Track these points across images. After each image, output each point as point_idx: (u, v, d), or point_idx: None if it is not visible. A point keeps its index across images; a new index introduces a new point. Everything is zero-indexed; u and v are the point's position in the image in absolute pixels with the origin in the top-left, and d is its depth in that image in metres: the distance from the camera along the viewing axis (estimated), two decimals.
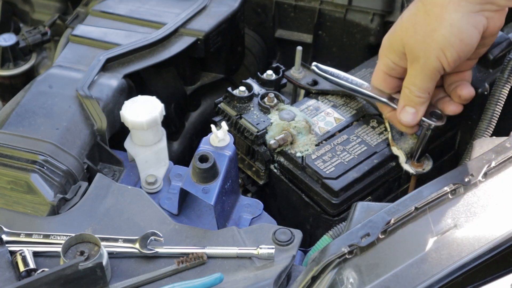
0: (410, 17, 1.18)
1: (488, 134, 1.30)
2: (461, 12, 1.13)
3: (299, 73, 1.48)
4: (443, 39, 1.14)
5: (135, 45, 1.44)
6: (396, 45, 1.21)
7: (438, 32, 1.14)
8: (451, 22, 1.13)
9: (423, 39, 1.16)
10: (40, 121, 1.28)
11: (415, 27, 1.16)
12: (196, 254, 1.09)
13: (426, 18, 1.15)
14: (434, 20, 1.14)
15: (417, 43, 1.17)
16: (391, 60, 1.24)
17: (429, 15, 1.14)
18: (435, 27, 1.14)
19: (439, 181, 1.09)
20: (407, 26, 1.18)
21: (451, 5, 1.12)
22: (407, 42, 1.18)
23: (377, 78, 1.29)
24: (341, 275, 1.00)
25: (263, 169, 1.37)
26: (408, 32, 1.17)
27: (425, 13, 1.15)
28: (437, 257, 1.00)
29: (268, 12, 1.75)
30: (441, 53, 1.16)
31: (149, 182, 1.29)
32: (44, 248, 1.11)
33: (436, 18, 1.14)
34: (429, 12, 1.14)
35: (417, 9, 1.16)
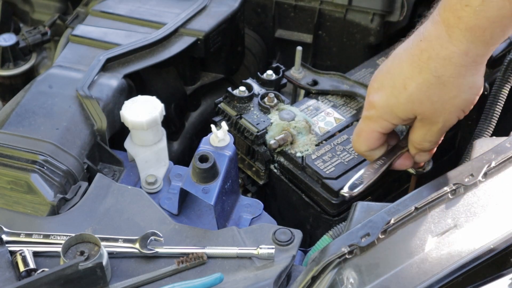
0: (422, 89, 1.12)
1: (488, 134, 1.30)
2: (476, 74, 1.12)
3: (299, 73, 1.48)
4: (464, 102, 1.14)
5: (135, 45, 1.44)
6: (403, 114, 1.16)
7: (459, 98, 1.13)
8: (470, 86, 1.12)
9: (442, 107, 1.13)
10: (40, 121, 1.28)
11: (432, 98, 1.12)
12: (196, 254, 1.09)
13: (443, 89, 1.12)
14: (452, 89, 1.11)
15: (436, 111, 1.14)
16: (393, 123, 1.19)
17: (447, 86, 1.11)
18: (456, 95, 1.12)
19: (439, 181, 1.09)
20: (420, 98, 1.13)
21: (468, 73, 1.11)
22: (422, 112, 1.15)
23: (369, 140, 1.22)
24: (341, 275, 1.00)
25: (263, 169, 1.37)
26: (424, 104, 1.13)
27: (442, 85, 1.11)
28: (437, 257, 1.00)
29: (268, 12, 1.75)
30: (461, 112, 1.15)
31: (149, 182, 1.29)
32: (44, 248, 1.11)
33: (455, 87, 1.11)
34: (446, 84, 1.11)
35: (429, 81, 1.11)
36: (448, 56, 1.09)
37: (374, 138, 1.21)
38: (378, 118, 1.18)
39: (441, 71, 1.10)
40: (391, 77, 1.15)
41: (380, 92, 1.17)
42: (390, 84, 1.15)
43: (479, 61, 1.10)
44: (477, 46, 1.08)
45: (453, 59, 1.09)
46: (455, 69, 1.09)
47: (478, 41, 1.07)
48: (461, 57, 1.08)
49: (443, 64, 1.09)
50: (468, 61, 1.09)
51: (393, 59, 1.17)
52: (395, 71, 1.15)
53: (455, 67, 1.09)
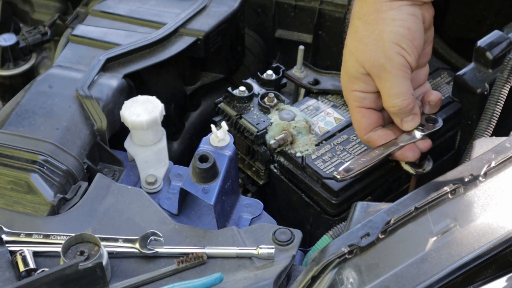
0: (353, 36, 1.19)
1: (488, 134, 1.30)
2: (395, 8, 1.17)
3: (300, 72, 1.48)
4: (392, 34, 1.17)
5: (135, 45, 1.44)
6: (354, 71, 1.20)
7: (385, 31, 1.16)
8: (392, 17, 1.17)
9: (375, 45, 1.17)
10: (40, 121, 1.28)
11: (362, 40, 1.17)
12: (196, 254, 1.09)
13: (367, 28, 1.17)
14: (376, 24, 1.16)
15: (373, 52, 1.17)
16: (359, 90, 1.23)
17: (369, 23, 1.17)
18: (381, 29, 1.16)
19: (439, 181, 1.09)
20: (355, 46, 1.19)
21: (385, 7, 1.16)
22: (363, 59, 1.18)
23: (357, 121, 1.26)
24: (341, 275, 1.00)
25: (263, 169, 1.37)
26: (359, 49, 1.18)
27: (365, 24, 1.17)
28: (437, 257, 1.00)
29: (268, 12, 1.75)
30: (398, 47, 1.17)
31: (149, 182, 1.29)
32: (44, 248, 1.11)
33: (377, 21, 1.16)
34: (368, 21, 1.17)
35: (356, 26, 1.18)
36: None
37: (359, 117, 1.25)
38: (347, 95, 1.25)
39: (361, 13, 1.18)
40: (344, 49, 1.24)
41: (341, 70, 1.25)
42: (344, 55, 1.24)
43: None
44: None
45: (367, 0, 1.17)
46: (371, 6, 1.16)
47: None
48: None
49: (360, 5, 1.18)
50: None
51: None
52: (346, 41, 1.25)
53: (370, 4, 1.16)
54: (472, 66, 1.36)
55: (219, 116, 1.41)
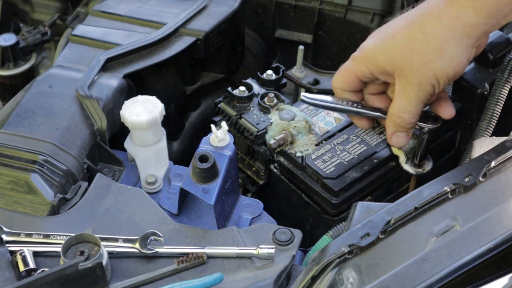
0: (407, 41, 1.15)
1: (488, 134, 1.30)
2: (461, 46, 1.13)
3: (300, 72, 1.48)
4: (441, 70, 1.15)
5: (135, 45, 1.44)
6: (382, 62, 1.19)
7: (437, 63, 1.14)
8: (451, 56, 1.13)
9: (419, 68, 1.15)
10: (40, 121, 1.28)
11: (412, 53, 1.15)
12: (196, 254, 1.09)
13: (425, 48, 1.14)
14: (434, 51, 1.13)
15: (413, 70, 1.15)
16: (371, 71, 1.21)
17: (429, 45, 1.13)
18: (435, 58, 1.14)
19: (439, 181, 1.09)
20: (402, 50, 1.16)
21: (453, 40, 1.12)
22: (400, 67, 1.16)
23: (344, 78, 1.25)
24: (341, 275, 1.00)
25: (263, 169, 1.37)
26: (404, 58, 1.15)
27: (425, 43, 1.13)
28: (437, 257, 1.00)
29: (268, 12, 1.76)
30: (436, 81, 1.16)
31: (149, 182, 1.29)
32: (44, 248, 1.11)
33: (436, 49, 1.13)
34: (429, 43, 1.13)
35: (415, 35, 1.14)
36: (438, 15, 1.12)
37: (349, 79, 1.24)
38: (360, 61, 1.22)
39: (428, 29, 1.13)
40: (387, 26, 1.20)
41: (372, 38, 1.21)
42: (383, 32, 1.20)
43: (467, 33, 1.12)
44: (468, 13, 1.10)
45: (443, 20, 1.11)
46: (442, 31, 1.12)
47: (469, 8, 1.10)
48: (451, 20, 1.11)
49: (432, 22, 1.13)
50: (457, 27, 1.11)
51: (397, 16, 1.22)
52: (391, 22, 1.20)
53: (442, 29, 1.12)
54: (472, 66, 1.36)
55: (219, 116, 1.41)
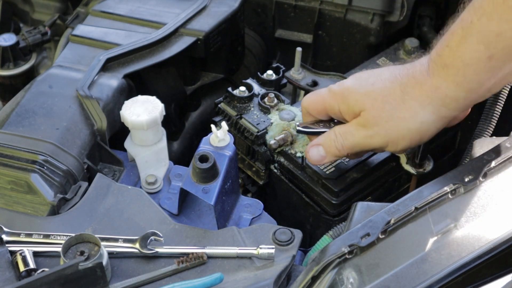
0: (384, 92, 1.15)
1: (488, 134, 1.30)
2: (437, 115, 1.13)
3: (298, 74, 1.48)
4: (407, 131, 1.15)
5: (135, 45, 1.44)
6: (353, 103, 1.18)
7: (405, 123, 1.14)
8: (423, 121, 1.14)
9: (386, 120, 1.15)
10: (40, 121, 1.28)
11: (385, 105, 1.15)
12: (196, 254, 1.09)
13: (399, 105, 1.14)
14: (407, 111, 1.13)
15: (379, 118, 1.15)
16: (340, 110, 1.20)
17: (405, 104, 1.13)
18: (406, 117, 1.14)
19: (439, 181, 1.09)
20: (376, 98, 1.15)
21: (430, 107, 1.13)
22: (368, 110, 1.16)
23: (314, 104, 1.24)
24: (341, 275, 1.00)
25: (263, 169, 1.37)
26: (375, 105, 1.15)
27: (401, 100, 1.13)
28: (437, 257, 1.00)
29: (268, 12, 1.75)
30: (393, 142, 1.17)
31: (149, 182, 1.29)
32: (44, 248, 1.11)
33: (411, 110, 1.13)
34: (405, 102, 1.13)
35: (394, 90, 1.14)
36: (420, 81, 1.12)
37: (318, 107, 1.24)
38: (334, 96, 1.21)
39: (409, 90, 1.13)
40: (369, 73, 1.20)
41: (353, 79, 1.21)
42: (364, 78, 1.19)
43: (447, 104, 1.12)
44: (448, 85, 1.10)
45: (424, 86, 1.12)
46: (420, 97, 1.12)
47: (450, 80, 1.10)
48: (431, 89, 1.11)
49: (413, 85, 1.13)
50: (437, 96, 1.11)
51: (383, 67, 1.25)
52: (375, 71, 1.20)
53: (420, 95, 1.12)
54: None
55: (219, 116, 1.41)
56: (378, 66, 1.55)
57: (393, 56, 1.58)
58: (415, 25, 1.74)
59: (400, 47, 1.59)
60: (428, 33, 1.69)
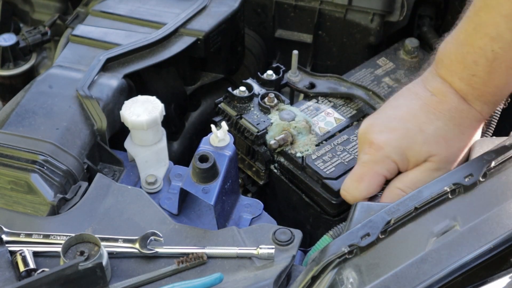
0: (441, 133, 1.17)
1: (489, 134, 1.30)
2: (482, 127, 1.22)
3: (295, 76, 1.48)
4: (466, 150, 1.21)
5: (135, 45, 1.44)
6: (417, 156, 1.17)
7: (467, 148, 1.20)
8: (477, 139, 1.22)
9: (456, 153, 1.19)
10: (40, 121, 1.28)
11: (448, 142, 1.18)
12: (196, 254, 1.09)
13: (460, 136, 1.18)
14: (468, 138, 1.20)
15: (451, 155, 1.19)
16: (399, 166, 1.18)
17: (464, 134, 1.19)
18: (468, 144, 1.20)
19: (439, 181, 1.09)
20: (438, 140, 1.17)
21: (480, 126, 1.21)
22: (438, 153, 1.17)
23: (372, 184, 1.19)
24: (341, 275, 1.00)
25: (263, 169, 1.37)
26: (441, 146, 1.17)
27: (460, 133, 1.18)
28: (437, 257, 1.00)
29: (268, 12, 1.75)
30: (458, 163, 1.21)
31: (149, 182, 1.29)
32: (44, 248, 1.11)
33: (470, 137, 1.20)
34: (464, 132, 1.18)
35: (448, 126, 1.17)
36: (466, 110, 1.17)
37: (377, 182, 1.20)
38: (387, 159, 1.18)
39: (461, 121, 1.17)
40: (401, 121, 1.18)
41: (388, 134, 1.17)
42: (402, 126, 1.17)
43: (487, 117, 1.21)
44: (489, 107, 1.18)
45: (471, 113, 1.17)
46: (472, 123, 1.19)
47: (490, 103, 1.17)
48: (477, 113, 1.17)
49: (462, 115, 1.17)
50: (481, 118, 1.19)
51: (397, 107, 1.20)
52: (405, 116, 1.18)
53: (472, 121, 1.18)
54: None
55: (219, 116, 1.41)
56: (378, 66, 1.55)
57: (393, 56, 1.58)
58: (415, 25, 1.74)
59: (400, 47, 1.59)
60: (428, 33, 1.69)
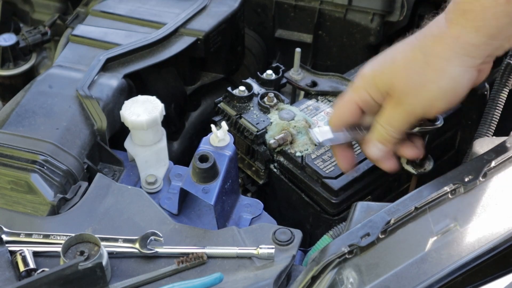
0: (406, 62, 1.13)
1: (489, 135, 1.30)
2: (463, 66, 1.10)
3: (298, 74, 1.48)
4: (439, 91, 1.12)
5: (135, 45, 1.44)
6: (381, 84, 1.16)
7: (436, 84, 1.11)
8: (452, 76, 1.11)
9: (416, 88, 1.12)
10: (40, 121, 1.28)
11: (409, 73, 1.12)
12: (196, 254, 1.09)
13: (424, 68, 1.11)
14: (434, 71, 1.11)
15: (408, 89, 1.13)
16: (371, 96, 1.17)
17: (429, 65, 1.11)
18: (434, 79, 1.11)
19: (439, 181, 1.09)
20: (400, 70, 1.13)
21: (455, 60, 1.10)
22: (397, 85, 1.13)
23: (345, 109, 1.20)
24: (341, 275, 1.00)
25: (263, 169, 1.37)
26: (401, 77, 1.13)
27: (425, 63, 1.11)
28: (437, 257, 1.00)
29: (268, 12, 1.75)
30: (430, 104, 1.13)
31: (149, 182, 1.29)
32: (44, 248, 1.11)
33: (437, 70, 1.10)
34: (429, 63, 1.11)
35: (415, 56, 1.12)
36: (440, 35, 1.10)
37: (350, 109, 1.20)
38: (360, 88, 1.18)
39: (429, 50, 1.10)
40: (385, 53, 1.18)
41: (370, 65, 1.18)
42: (381, 58, 1.17)
43: (469, 52, 1.09)
44: (468, 31, 1.07)
45: (444, 39, 1.09)
46: (443, 50, 1.09)
47: (469, 26, 1.07)
48: (452, 39, 1.09)
49: (433, 41, 1.10)
50: (458, 46, 1.09)
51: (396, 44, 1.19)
52: (391, 48, 1.18)
53: (443, 48, 1.09)
54: None
55: (219, 116, 1.41)
56: None
57: None
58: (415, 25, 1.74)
59: None
60: None
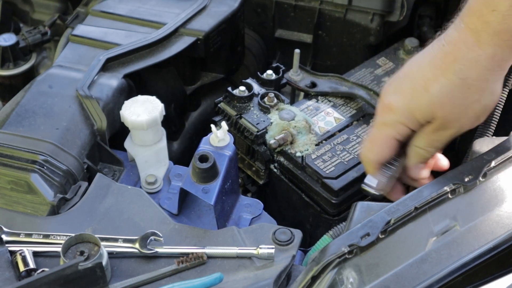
0: (446, 92, 1.11)
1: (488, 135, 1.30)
2: (499, 80, 1.12)
3: (297, 75, 1.48)
4: (484, 108, 1.13)
5: (135, 45, 1.44)
6: (421, 116, 1.13)
7: (480, 103, 1.12)
8: (492, 91, 1.12)
9: (461, 111, 1.12)
10: (40, 121, 1.28)
11: (453, 101, 1.11)
12: (196, 254, 1.09)
13: (466, 92, 1.10)
14: (476, 93, 1.11)
15: (453, 115, 1.13)
16: (410, 128, 1.16)
17: (471, 89, 1.10)
18: (477, 99, 1.11)
19: (439, 181, 1.09)
20: (440, 100, 1.11)
21: (492, 77, 1.11)
22: (440, 114, 1.12)
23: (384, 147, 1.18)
24: (341, 275, 1.00)
25: (263, 169, 1.37)
26: (444, 106, 1.11)
27: (466, 88, 1.10)
28: (437, 257, 1.00)
29: (268, 12, 1.75)
30: (476, 121, 1.15)
31: (149, 182, 1.29)
32: (44, 248, 1.11)
33: (478, 91, 1.11)
34: (470, 86, 1.10)
35: (453, 83, 1.10)
36: (475, 58, 1.08)
37: (389, 145, 1.18)
38: (396, 123, 1.16)
39: (467, 73, 1.09)
40: (410, 80, 1.14)
41: (398, 95, 1.15)
42: (410, 87, 1.14)
43: (503, 66, 1.10)
44: (503, 50, 1.07)
45: (480, 62, 1.08)
46: (481, 72, 1.09)
47: (505, 46, 1.07)
48: (488, 60, 1.08)
49: (469, 66, 1.09)
50: (494, 65, 1.09)
51: (411, 64, 1.15)
52: (414, 74, 1.14)
53: (481, 70, 1.09)
54: None
55: (219, 116, 1.41)
56: (378, 66, 1.55)
57: (393, 56, 1.58)
58: (415, 25, 1.74)
59: (400, 47, 1.59)
60: (428, 33, 1.69)
